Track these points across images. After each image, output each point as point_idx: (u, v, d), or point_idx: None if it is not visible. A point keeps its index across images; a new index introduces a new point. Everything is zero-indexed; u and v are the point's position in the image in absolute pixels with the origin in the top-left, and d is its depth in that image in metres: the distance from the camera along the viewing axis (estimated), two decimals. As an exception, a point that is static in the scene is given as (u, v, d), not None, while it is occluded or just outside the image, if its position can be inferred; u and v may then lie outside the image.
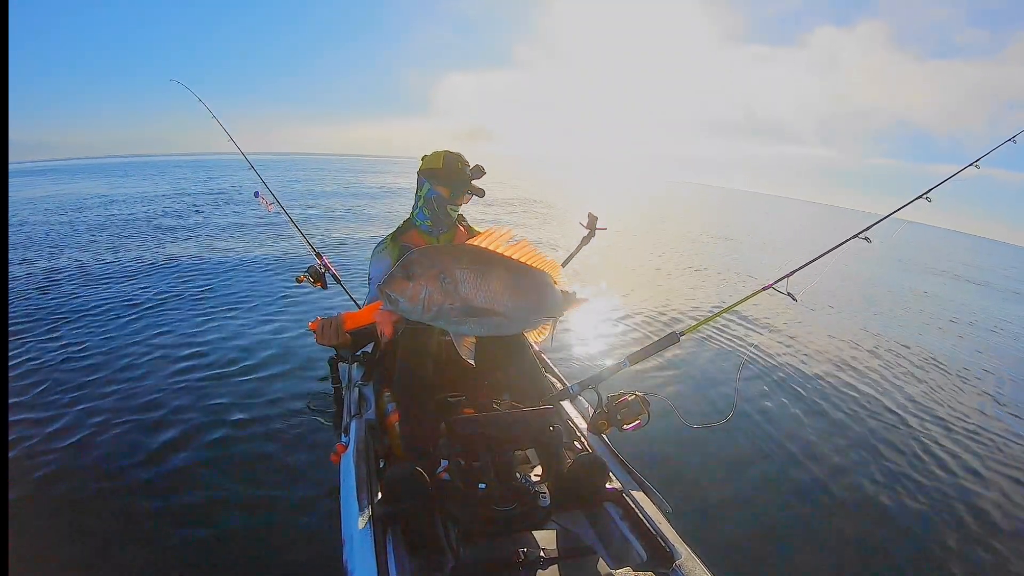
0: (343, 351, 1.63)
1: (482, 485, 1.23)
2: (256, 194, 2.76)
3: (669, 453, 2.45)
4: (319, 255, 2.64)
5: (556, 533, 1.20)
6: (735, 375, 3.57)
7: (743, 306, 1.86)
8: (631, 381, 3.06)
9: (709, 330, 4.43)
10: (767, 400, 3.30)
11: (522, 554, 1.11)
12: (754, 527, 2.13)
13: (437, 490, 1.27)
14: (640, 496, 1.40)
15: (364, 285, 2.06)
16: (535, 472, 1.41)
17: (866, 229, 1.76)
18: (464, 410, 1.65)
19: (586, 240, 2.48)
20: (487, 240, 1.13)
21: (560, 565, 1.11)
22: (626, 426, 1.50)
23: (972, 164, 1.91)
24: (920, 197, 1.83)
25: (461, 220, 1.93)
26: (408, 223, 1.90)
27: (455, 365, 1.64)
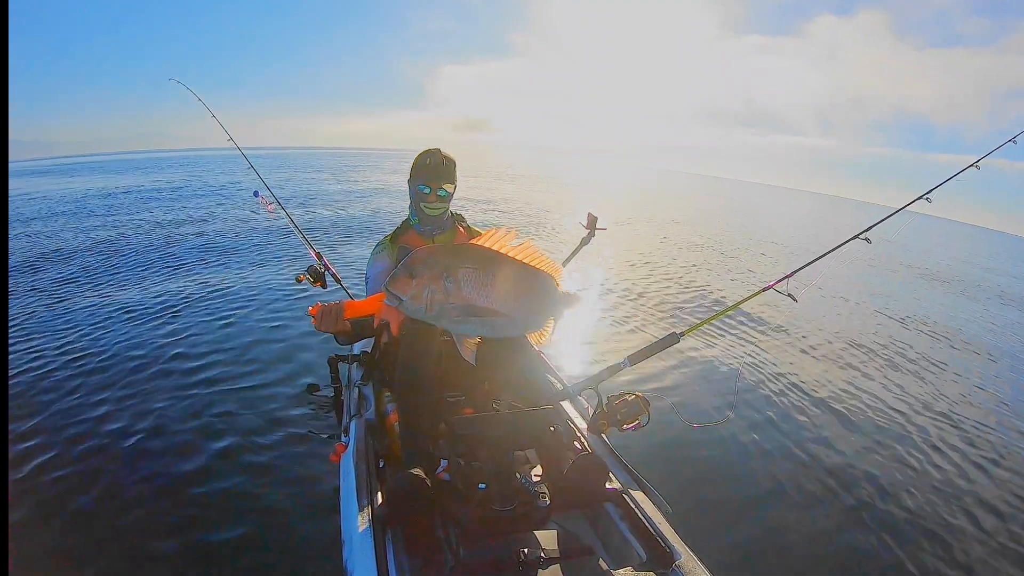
0: (341, 338, 1.62)
1: (482, 485, 1.23)
2: (256, 193, 2.76)
3: (669, 453, 2.45)
4: (318, 255, 2.63)
5: (556, 533, 1.21)
6: (735, 375, 3.58)
7: (743, 306, 1.86)
8: (631, 381, 3.07)
9: (709, 330, 4.43)
10: (767, 401, 3.30)
11: (522, 554, 1.11)
12: (754, 527, 2.13)
13: (437, 490, 1.27)
14: (640, 496, 1.40)
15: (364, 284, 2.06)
16: (535, 472, 1.41)
17: (866, 230, 1.77)
18: (464, 410, 1.65)
19: (586, 240, 2.48)
20: (491, 240, 1.13)
21: (560, 565, 1.11)
22: (626, 426, 1.50)
23: (972, 165, 1.93)
24: (920, 198, 1.85)
25: (460, 220, 1.93)
26: (406, 224, 1.90)
27: (455, 365, 1.64)
